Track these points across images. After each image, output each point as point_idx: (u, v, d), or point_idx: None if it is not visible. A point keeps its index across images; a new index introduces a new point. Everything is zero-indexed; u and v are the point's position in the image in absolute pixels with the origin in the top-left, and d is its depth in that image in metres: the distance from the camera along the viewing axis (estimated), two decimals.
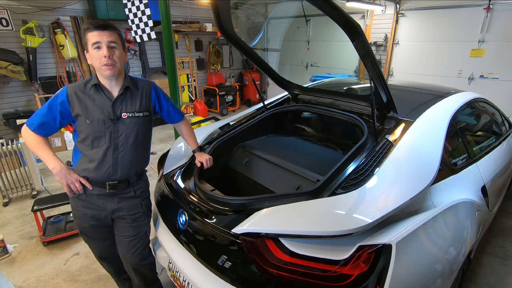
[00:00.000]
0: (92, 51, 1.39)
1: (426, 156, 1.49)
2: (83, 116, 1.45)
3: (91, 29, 1.37)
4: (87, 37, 1.38)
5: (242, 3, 7.29)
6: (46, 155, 1.46)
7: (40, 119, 1.44)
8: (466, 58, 5.26)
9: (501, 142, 2.37)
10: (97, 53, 1.38)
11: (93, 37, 1.36)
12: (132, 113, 1.52)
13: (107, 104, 1.47)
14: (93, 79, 1.48)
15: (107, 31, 1.38)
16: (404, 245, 1.16)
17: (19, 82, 4.73)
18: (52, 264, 2.41)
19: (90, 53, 1.40)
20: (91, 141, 1.47)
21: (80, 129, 1.47)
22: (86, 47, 1.42)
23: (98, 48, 1.38)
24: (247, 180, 1.93)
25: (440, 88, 2.43)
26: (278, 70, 2.27)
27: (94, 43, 1.37)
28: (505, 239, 2.66)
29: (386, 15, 6.02)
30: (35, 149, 1.47)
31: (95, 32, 1.36)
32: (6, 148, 3.21)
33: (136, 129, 1.54)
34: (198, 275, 1.41)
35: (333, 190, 1.30)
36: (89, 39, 1.37)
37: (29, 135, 1.46)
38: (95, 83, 1.46)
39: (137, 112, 1.54)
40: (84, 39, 1.40)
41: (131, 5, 3.65)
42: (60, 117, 1.45)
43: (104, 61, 1.38)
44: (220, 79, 7.51)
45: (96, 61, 1.40)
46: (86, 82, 1.48)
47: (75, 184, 1.48)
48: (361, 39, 1.30)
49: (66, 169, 1.48)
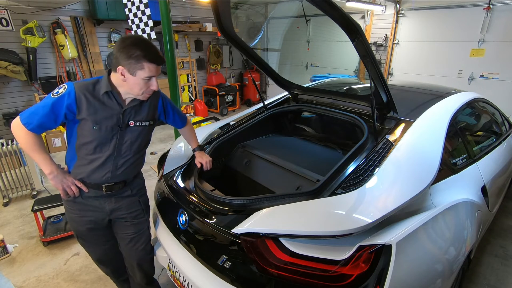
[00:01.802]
0: (141, 80, 1.33)
1: (426, 156, 1.49)
2: (90, 121, 1.37)
3: (150, 62, 1.30)
4: (142, 65, 1.30)
5: (242, 3, 7.29)
6: (42, 159, 1.39)
7: (40, 119, 1.32)
8: (466, 58, 5.27)
9: (501, 142, 2.37)
10: (145, 84, 1.35)
11: (150, 71, 1.32)
12: (139, 122, 1.51)
13: (117, 111, 1.41)
14: (105, 85, 1.37)
15: (160, 66, 1.38)
16: (404, 245, 1.16)
17: (19, 82, 4.73)
18: (52, 264, 2.41)
19: (137, 80, 1.33)
20: (94, 147, 1.41)
21: (83, 133, 1.39)
22: (132, 71, 1.31)
23: (148, 80, 1.35)
24: (247, 180, 1.93)
25: (440, 88, 2.43)
26: (278, 70, 2.27)
27: (147, 77, 1.33)
28: (505, 239, 2.66)
29: (386, 15, 6.02)
30: (31, 151, 1.37)
31: (152, 66, 1.32)
32: (6, 148, 3.21)
33: (141, 137, 1.54)
34: (198, 275, 1.41)
35: (333, 190, 1.30)
36: (144, 70, 1.31)
37: (25, 134, 1.34)
38: (109, 90, 1.37)
39: (144, 121, 1.53)
40: (136, 64, 1.29)
41: (131, 5, 3.65)
42: (64, 118, 1.36)
43: (149, 92, 1.40)
44: (220, 79, 7.51)
45: (139, 89, 1.36)
46: (95, 83, 1.39)
47: (71, 187, 1.44)
48: (361, 39, 1.30)
49: (62, 173, 1.43)
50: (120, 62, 1.30)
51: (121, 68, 1.31)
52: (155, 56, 1.32)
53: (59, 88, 1.35)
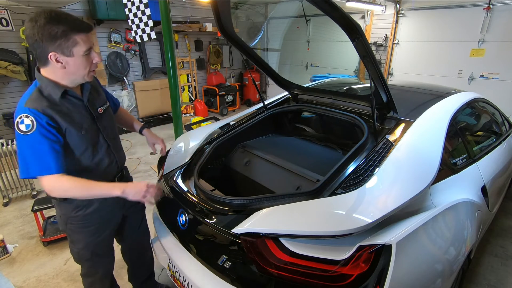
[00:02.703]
0: (81, 57, 1.17)
1: (426, 156, 1.49)
2: (75, 128, 1.24)
3: (80, 31, 1.13)
4: (75, 40, 1.12)
5: (242, 3, 7.29)
6: (103, 189, 1.26)
7: (52, 155, 1.14)
8: (466, 58, 5.26)
9: (501, 142, 2.37)
10: (88, 59, 1.20)
11: (85, 42, 1.16)
12: (104, 106, 1.43)
13: (82, 105, 1.30)
14: (52, 88, 1.19)
15: (91, 32, 1.19)
16: (404, 245, 1.16)
17: (19, 82, 4.72)
18: (52, 264, 2.41)
19: (77, 59, 1.16)
20: (91, 151, 1.33)
21: (74, 144, 1.27)
22: (67, 52, 1.13)
23: (88, 53, 1.19)
24: (247, 180, 1.93)
25: (440, 88, 2.43)
26: (278, 70, 2.27)
27: (86, 51, 1.17)
28: (505, 239, 2.66)
29: (386, 15, 6.02)
30: (86, 191, 1.23)
31: (84, 36, 1.15)
32: (6, 148, 3.21)
33: (113, 118, 1.51)
34: (198, 275, 1.41)
35: (333, 190, 1.30)
36: (80, 44, 1.14)
37: (63, 181, 1.18)
38: (64, 90, 1.21)
39: (105, 103, 1.44)
40: (68, 41, 1.11)
41: (131, 5, 3.65)
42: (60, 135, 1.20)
43: (94, 67, 1.24)
44: (220, 79, 7.51)
45: (84, 68, 1.20)
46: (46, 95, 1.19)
47: (150, 190, 1.29)
48: (361, 39, 1.30)
49: (131, 184, 1.29)
50: (47, 49, 1.10)
51: (53, 54, 1.11)
52: (80, 24, 1.14)
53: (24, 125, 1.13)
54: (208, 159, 1.89)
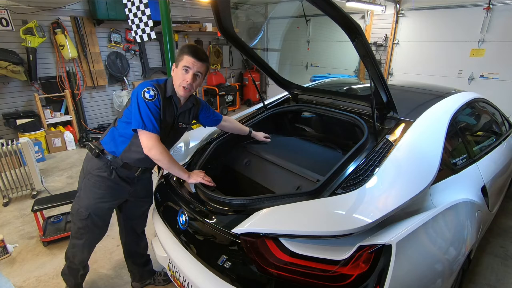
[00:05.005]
0: (180, 70, 1.53)
1: (426, 156, 1.49)
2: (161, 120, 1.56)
3: (189, 55, 1.50)
4: (183, 57, 1.51)
5: (242, 3, 7.29)
6: (181, 170, 1.60)
7: (158, 120, 1.50)
8: (466, 58, 5.26)
9: (501, 142, 2.37)
10: (183, 75, 1.53)
11: (187, 62, 1.51)
12: (185, 124, 1.75)
13: (174, 113, 1.64)
14: (170, 89, 1.59)
15: (201, 63, 1.52)
16: (404, 245, 1.16)
17: (19, 82, 4.73)
18: (52, 264, 2.41)
19: (177, 71, 1.55)
20: None
21: None
22: (177, 63, 1.55)
23: (185, 71, 1.52)
24: (247, 180, 1.93)
25: (440, 88, 2.43)
26: (278, 70, 2.28)
27: (185, 66, 1.51)
28: (505, 239, 2.66)
29: (386, 15, 6.03)
30: (171, 166, 1.56)
31: (191, 59, 1.50)
32: (6, 148, 3.21)
33: (181, 135, 1.81)
34: (198, 275, 1.41)
35: (333, 190, 1.30)
36: (183, 61, 1.51)
37: (163, 147, 1.51)
38: (173, 94, 1.59)
39: (187, 124, 1.76)
40: (179, 56, 1.53)
41: (131, 5, 3.65)
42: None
43: (184, 84, 1.54)
44: (220, 79, 7.51)
45: (178, 80, 1.55)
46: (164, 88, 1.58)
47: (205, 178, 1.62)
48: (361, 39, 1.30)
49: (194, 172, 1.65)
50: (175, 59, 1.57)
51: (174, 64, 1.58)
52: (195, 50, 1.51)
53: (149, 94, 1.50)
54: (208, 159, 1.89)
